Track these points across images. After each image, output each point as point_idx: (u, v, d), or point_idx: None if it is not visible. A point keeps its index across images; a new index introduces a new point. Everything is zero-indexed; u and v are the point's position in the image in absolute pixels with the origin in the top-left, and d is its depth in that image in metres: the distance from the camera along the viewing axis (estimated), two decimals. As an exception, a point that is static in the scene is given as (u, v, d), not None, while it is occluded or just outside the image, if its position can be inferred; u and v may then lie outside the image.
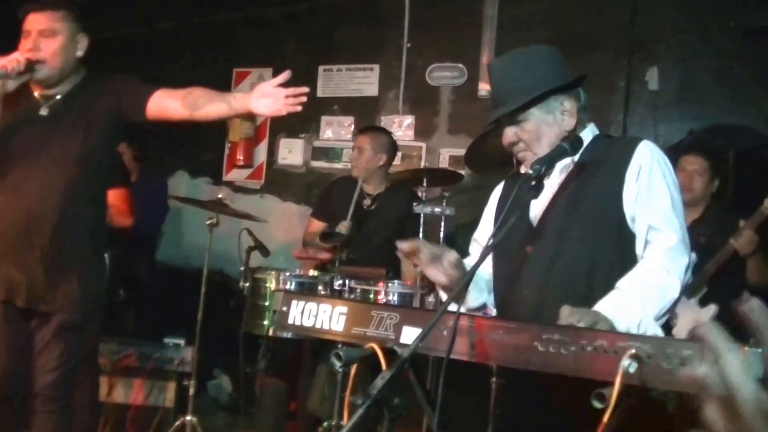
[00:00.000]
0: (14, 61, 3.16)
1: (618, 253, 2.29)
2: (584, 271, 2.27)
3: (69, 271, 3.29)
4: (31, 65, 3.22)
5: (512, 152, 2.51)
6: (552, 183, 2.43)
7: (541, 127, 2.40)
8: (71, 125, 3.29)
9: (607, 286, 2.21)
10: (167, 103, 3.24)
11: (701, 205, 4.25)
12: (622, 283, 2.19)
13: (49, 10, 3.31)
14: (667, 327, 2.34)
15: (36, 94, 3.36)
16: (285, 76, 3.06)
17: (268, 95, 3.05)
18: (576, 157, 2.40)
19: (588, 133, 2.46)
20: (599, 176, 2.35)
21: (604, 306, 2.10)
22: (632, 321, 2.07)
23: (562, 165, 2.42)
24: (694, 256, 2.34)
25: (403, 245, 2.46)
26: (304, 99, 3.07)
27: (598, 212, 2.31)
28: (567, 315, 1.98)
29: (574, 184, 2.39)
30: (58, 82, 3.33)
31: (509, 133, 2.45)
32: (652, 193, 2.28)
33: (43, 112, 3.31)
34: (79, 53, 3.38)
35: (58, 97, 3.34)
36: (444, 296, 2.53)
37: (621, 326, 2.04)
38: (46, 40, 3.27)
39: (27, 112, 3.34)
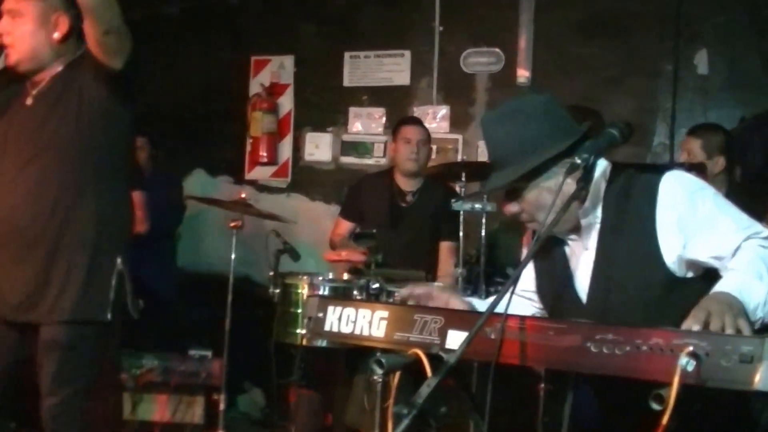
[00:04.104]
0: None
1: (669, 300, 2.25)
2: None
3: (62, 275, 3.08)
4: None
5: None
6: (588, 246, 2.41)
7: (543, 196, 2.33)
8: (57, 112, 3.12)
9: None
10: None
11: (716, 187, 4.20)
12: (733, 264, 2.16)
13: None
14: None
15: (27, 81, 3.21)
16: None
17: None
18: (598, 214, 2.38)
19: (600, 180, 2.38)
20: (629, 238, 2.32)
21: (729, 287, 2.04)
22: (758, 298, 2.04)
23: (588, 224, 2.39)
24: None
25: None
26: None
27: (641, 279, 2.28)
28: (690, 323, 1.90)
29: (608, 250, 2.36)
30: (35, 66, 3.16)
31: (510, 205, 2.44)
32: (709, 229, 2.25)
33: (29, 100, 3.17)
34: (56, 35, 3.14)
35: (47, 79, 3.18)
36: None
37: (750, 306, 2.00)
38: (13, 22, 3.11)
39: (13, 101, 3.21)
